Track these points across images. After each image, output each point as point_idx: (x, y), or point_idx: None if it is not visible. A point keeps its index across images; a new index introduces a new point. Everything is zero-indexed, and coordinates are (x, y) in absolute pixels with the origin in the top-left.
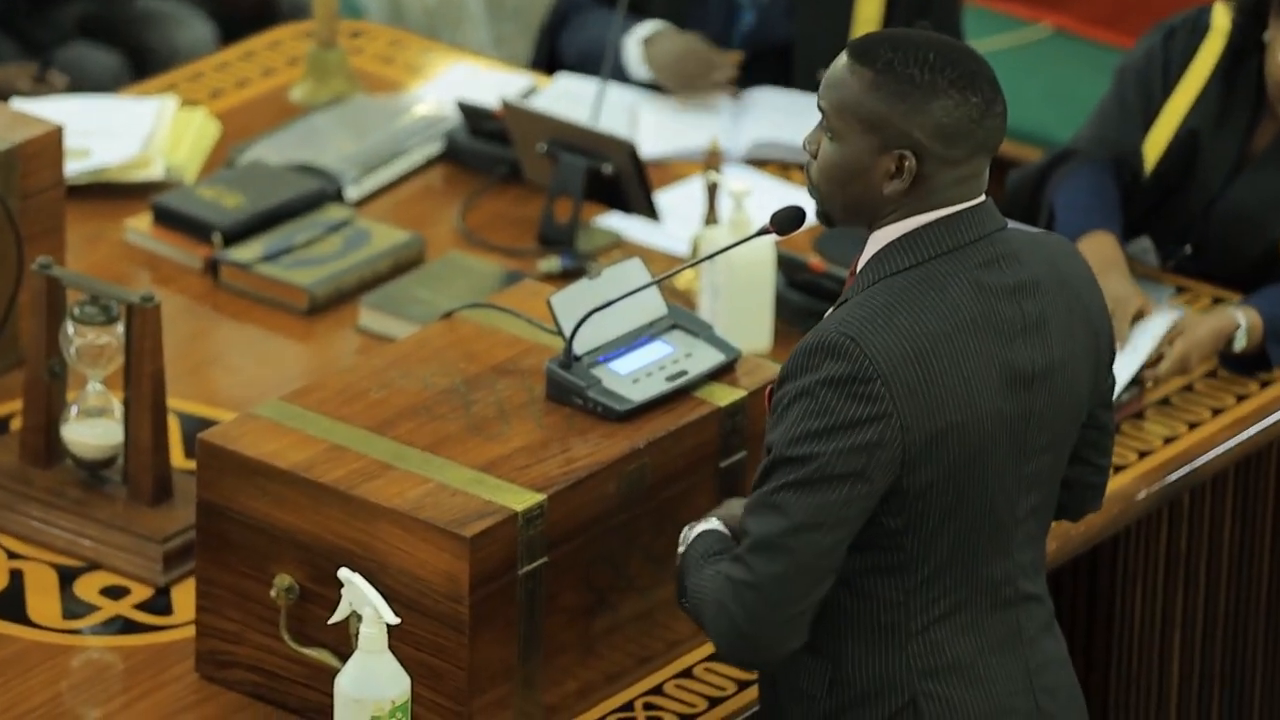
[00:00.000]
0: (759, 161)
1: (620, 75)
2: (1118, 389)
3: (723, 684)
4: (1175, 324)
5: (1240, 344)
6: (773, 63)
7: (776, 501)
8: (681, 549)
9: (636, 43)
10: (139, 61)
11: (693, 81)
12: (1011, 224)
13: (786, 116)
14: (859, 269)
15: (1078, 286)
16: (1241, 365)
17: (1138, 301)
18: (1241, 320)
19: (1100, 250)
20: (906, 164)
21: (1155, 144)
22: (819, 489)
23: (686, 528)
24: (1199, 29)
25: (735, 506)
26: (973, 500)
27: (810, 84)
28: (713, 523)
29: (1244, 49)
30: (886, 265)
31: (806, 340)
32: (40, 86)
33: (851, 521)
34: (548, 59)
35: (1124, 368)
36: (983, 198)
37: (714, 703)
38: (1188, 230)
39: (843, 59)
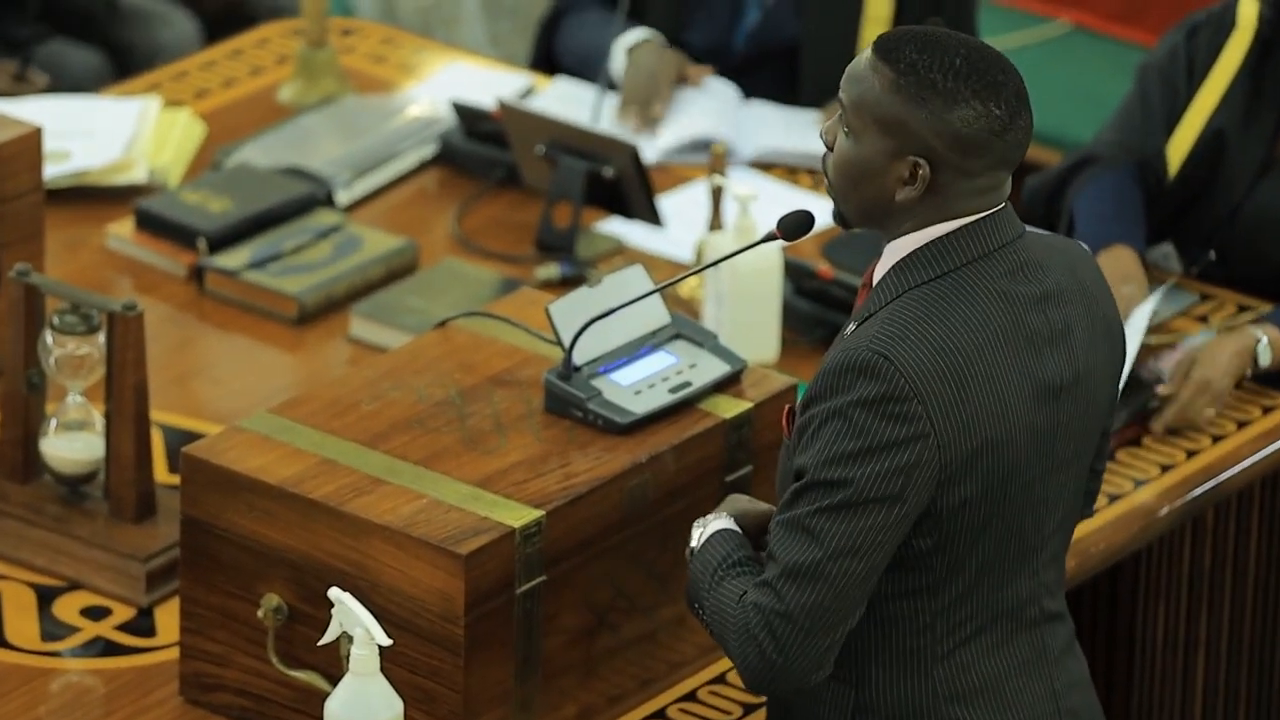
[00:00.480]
0: (765, 165)
1: (610, 81)
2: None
3: (728, 708)
4: (1190, 352)
5: (1265, 360)
6: (779, 63)
7: (810, 526)
8: (694, 546)
9: (623, 50)
10: (121, 60)
11: (640, 107)
12: (1028, 229)
13: (790, 130)
14: (876, 281)
15: (1095, 294)
16: (1274, 379)
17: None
18: (1261, 335)
19: (1119, 265)
20: (920, 172)
21: (1180, 146)
22: (855, 514)
23: (697, 523)
24: (1225, 25)
25: (742, 501)
26: (1004, 518)
27: (817, 88)
28: (726, 520)
29: (1272, 44)
30: (909, 277)
31: (835, 359)
32: (20, 85)
33: (887, 546)
34: (545, 58)
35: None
36: (1002, 204)
37: None
38: (1212, 235)
39: (867, 53)
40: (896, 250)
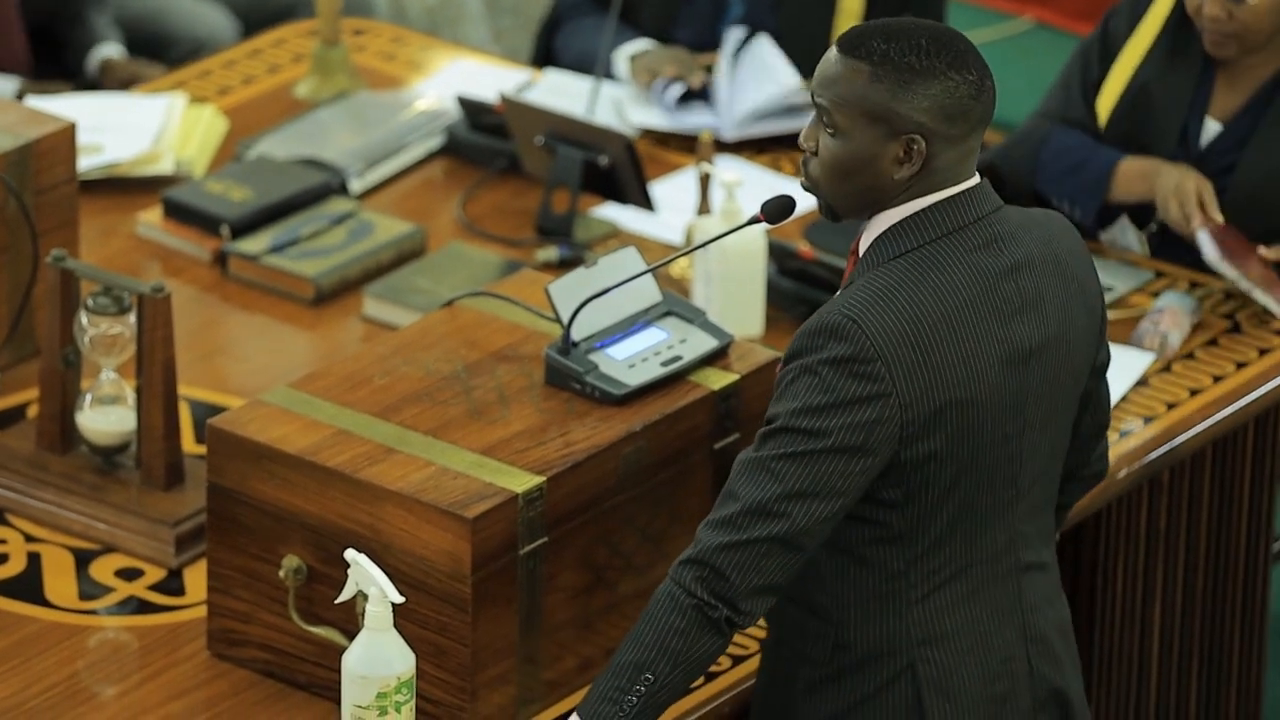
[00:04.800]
0: (754, 144)
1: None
2: (1116, 398)
3: (718, 660)
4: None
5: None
6: None
7: (773, 468)
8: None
9: (624, 59)
10: (157, 55)
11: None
12: (1008, 206)
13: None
14: (862, 251)
15: (1072, 264)
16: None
17: (1191, 184)
18: None
19: (1135, 167)
20: (915, 148)
21: (1107, 100)
22: (817, 460)
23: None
24: (1141, 2)
25: None
26: (974, 473)
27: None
28: None
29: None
30: (889, 249)
31: (811, 321)
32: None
33: (847, 494)
34: (545, 57)
35: (1117, 384)
36: (976, 178)
37: (708, 677)
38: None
39: (833, 54)
40: (880, 223)
